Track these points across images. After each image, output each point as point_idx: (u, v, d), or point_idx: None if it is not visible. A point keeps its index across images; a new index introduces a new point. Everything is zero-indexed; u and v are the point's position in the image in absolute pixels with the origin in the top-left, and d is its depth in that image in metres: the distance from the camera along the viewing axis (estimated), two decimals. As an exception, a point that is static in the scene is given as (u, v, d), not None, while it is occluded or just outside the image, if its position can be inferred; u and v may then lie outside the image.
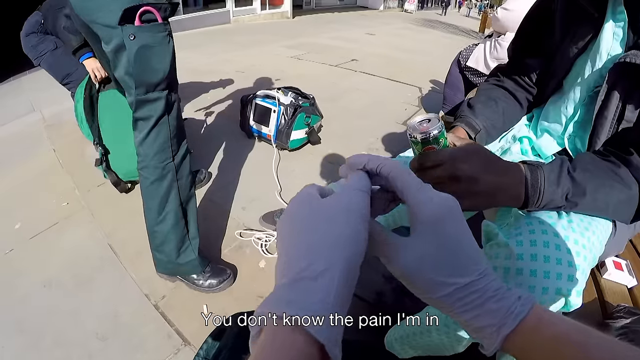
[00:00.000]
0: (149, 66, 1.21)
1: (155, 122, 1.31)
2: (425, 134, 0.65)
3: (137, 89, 1.23)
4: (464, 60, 2.86)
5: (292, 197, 0.41)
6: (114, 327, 1.42)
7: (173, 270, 1.53)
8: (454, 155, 0.64)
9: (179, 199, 1.43)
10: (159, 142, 1.34)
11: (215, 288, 1.54)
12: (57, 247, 1.85)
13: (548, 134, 0.99)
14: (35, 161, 2.76)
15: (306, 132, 2.62)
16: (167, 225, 1.43)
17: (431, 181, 0.47)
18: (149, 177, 1.37)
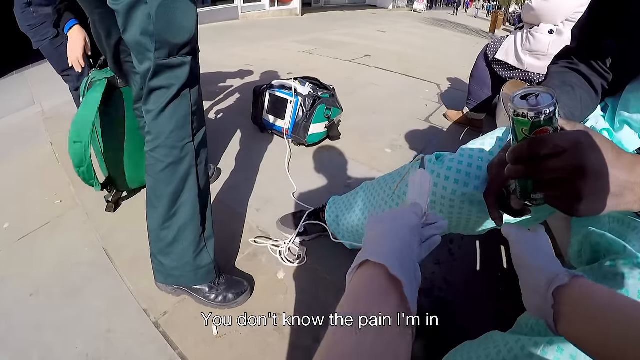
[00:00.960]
0: (173, 22, 0.99)
1: (177, 93, 1.07)
2: (537, 112, 0.51)
3: (157, 52, 1.00)
4: (491, 53, 2.69)
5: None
6: (106, 347, 1.19)
7: (181, 278, 1.27)
8: (580, 141, 0.50)
9: (197, 187, 1.19)
10: (178, 116, 1.10)
11: (232, 303, 1.30)
12: (46, 250, 1.64)
13: (629, 127, 0.84)
14: (31, 155, 2.59)
15: (326, 126, 2.40)
16: (181, 219, 1.19)
17: (546, 175, 0.53)
18: (163, 159, 1.12)
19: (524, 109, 0.52)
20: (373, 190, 1.19)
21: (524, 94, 0.54)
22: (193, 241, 1.22)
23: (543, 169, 0.52)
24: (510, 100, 0.55)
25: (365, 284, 0.44)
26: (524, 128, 0.53)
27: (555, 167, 0.51)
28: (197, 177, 1.18)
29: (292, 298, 1.36)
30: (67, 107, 3.42)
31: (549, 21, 2.34)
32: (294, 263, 1.49)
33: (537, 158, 0.52)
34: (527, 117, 0.52)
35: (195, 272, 1.26)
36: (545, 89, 0.53)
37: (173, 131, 1.10)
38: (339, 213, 1.37)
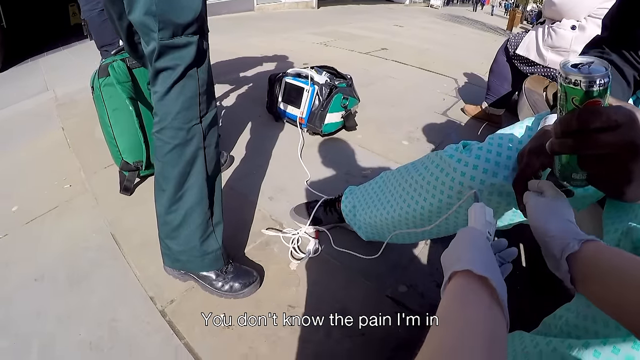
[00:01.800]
0: (177, 2, 0.94)
1: (182, 74, 1.03)
2: (591, 80, 0.48)
3: (160, 32, 0.96)
4: (512, 47, 2.63)
5: None
6: (111, 335, 1.15)
7: (188, 263, 1.24)
8: (633, 116, 0.47)
9: (205, 170, 1.14)
10: (184, 97, 1.06)
11: (239, 293, 1.25)
12: (54, 234, 1.60)
13: None
14: (43, 139, 2.57)
15: (342, 116, 2.33)
16: (187, 203, 1.15)
17: (595, 149, 0.49)
18: (170, 141, 1.08)
19: (578, 76, 0.49)
20: (395, 181, 1.13)
21: (575, 62, 0.51)
22: (200, 225, 1.18)
23: (593, 143, 0.49)
24: (561, 66, 0.51)
25: (457, 289, 0.47)
26: (575, 97, 0.50)
27: (607, 141, 0.48)
28: (204, 160, 1.13)
29: (304, 290, 1.30)
30: (80, 94, 3.41)
31: (571, 16, 2.27)
32: (307, 254, 1.43)
33: (588, 131, 0.49)
34: (579, 86, 0.49)
35: (202, 258, 1.22)
36: (598, 60, 0.50)
37: (179, 112, 1.06)
38: (356, 203, 1.31)
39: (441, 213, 0.95)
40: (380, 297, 1.27)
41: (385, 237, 1.21)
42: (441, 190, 0.92)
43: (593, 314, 0.55)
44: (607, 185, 0.53)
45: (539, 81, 2.30)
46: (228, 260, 1.28)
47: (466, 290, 0.46)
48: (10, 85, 4.32)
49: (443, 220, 0.96)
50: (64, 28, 8.15)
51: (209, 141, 1.14)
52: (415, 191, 1.01)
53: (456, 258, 0.51)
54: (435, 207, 0.95)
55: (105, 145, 2.12)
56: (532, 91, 2.17)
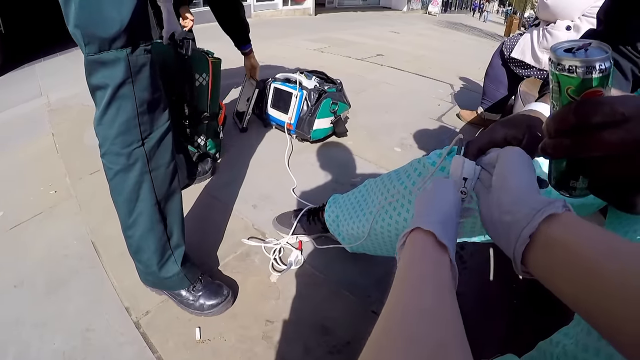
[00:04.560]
0: (99, 13, 0.86)
1: (113, 94, 0.95)
2: (589, 65, 0.40)
3: (87, 46, 0.89)
4: (507, 50, 2.61)
5: None
6: (84, 346, 1.12)
7: (155, 283, 1.21)
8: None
9: (153, 196, 1.08)
10: (121, 120, 0.98)
11: (207, 312, 1.20)
12: (36, 240, 1.59)
13: None
14: (32, 145, 2.55)
15: (332, 122, 2.29)
16: (139, 230, 1.10)
17: (597, 152, 0.41)
18: (112, 166, 1.02)
19: (573, 61, 0.41)
20: (376, 188, 1.09)
21: (568, 46, 0.43)
22: (155, 251, 1.13)
23: (595, 142, 0.40)
24: (552, 51, 0.44)
25: (417, 249, 0.47)
26: (570, 87, 0.42)
27: (613, 140, 0.39)
28: (151, 185, 1.07)
29: (284, 303, 1.26)
30: (74, 100, 3.42)
31: (565, 17, 2.26)
32: (289, 265, 1.39)
33: (588, 128, 0.40)
34: (575, 73, 0.41)
35: (165, 280, 1.18)
36: (596, 41, 0.42)
37: (117, 136, 0.99)
38: (339, 213, 1.27)
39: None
40: (364, 313, 1.23)
41: (369, 249, 1.17)
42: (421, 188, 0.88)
43: (595, 345, 0.48)
44: (614, 195, 0.48)
45: (534, 84, 2.29)
46: (196, 277, 1.23)
47: (428, 252, 0.46)
48: (6, 91, 4.34)
49: None
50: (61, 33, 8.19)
51: (157, 163, 1.07)
52: (397, 201, 0.97)
53: (423, 212, 0.52)
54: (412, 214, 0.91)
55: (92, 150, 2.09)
56: (528, 94, 2.16)
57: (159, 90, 1.05)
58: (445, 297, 0.40)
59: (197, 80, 1.77)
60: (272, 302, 1.27)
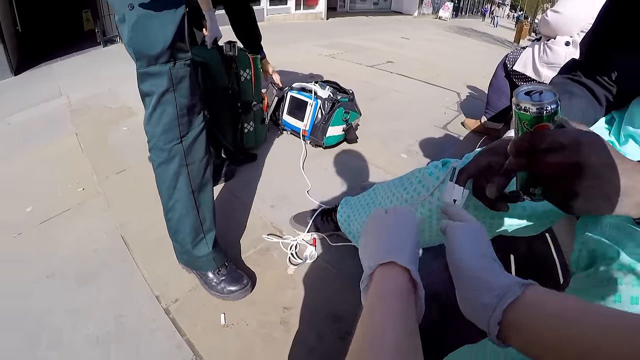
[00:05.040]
0: (147, 36, 1.08)
1: (158, 99, 1.16)
2: (541, 107, 0.53)
3: (138, 61, 1.11)
4: (510, 63, 2.70)
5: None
6: (117, 331, 1.24)
7: (188, 261, 1.40)
8: (580, 139, 0.51)
9: (189, 186, 1.28)
10: (163, 123, 1.19)
11: (227, 295, 1.35)
12: (66, 235, 1.70)
13: (634, 141, 0.85)
14: (57, 144, 2.68)
15: (343, 129, 2.43)
16: (177, 213, 1.30)
17: (543, 170, 0.55)
18: (156, 159, 1.24)
19: (528, 103, 0.54)
20: (384, 193, 1.21)
21: (527, 90, 0.56)
22: (190, 233, 1.31)
23: (541, 163, 0.54)
24: (515, 95, 0.56)
25: (391, 284, 0.49)
26: (526, 122, 0.55)
27: (553, 162, 0.53)
28: (188, 177, 1.26)
29: (300, 294, 1.39)
30: (93, 100, 3.54)
31: (564, 33, 2.36)
32: (304, 260, 1.52)
33: (537, 152, 0.54)
34: (529, 112, 0.54)
35: (197, 260, 1.36)
36: (548, 87, 0.55)
37: (161, 134, 1.19)
38: (350, 214, 1.39)
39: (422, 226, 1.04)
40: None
41: None
42: (422, 203, 1.00)
43: None
44: (557, 199, 0.58)
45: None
46: (223, 262, 1.39)
47: (402, 291, 0.48)
48: (25, 89, 4.46)
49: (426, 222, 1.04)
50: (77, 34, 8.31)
51: (192, 158, 1.26)
52: (400, 204, 1.09)
53: (390, 247, 0.54)
54: (418, 219, 1.03)
55: (117, 150, 2.22)
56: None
57: (196, 96, 1.24)
58: (414, 337, 0.43)
59: (242, 75, 2.06)
60: (289, 291, 1.39)
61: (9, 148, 2.69)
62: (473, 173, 0.77)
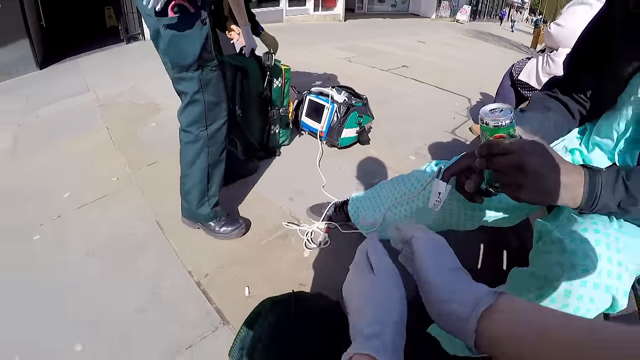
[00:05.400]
0: (180, 51, 1.40)
1: (190, 99, 1.51)
2: (497, 122, 0.70)
3: (173, 69, 1.45)
4: (516, 73, 2.81)
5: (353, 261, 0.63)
6: (153, 300, 1.44)
7: (191, 216, 1.76)
8: (523, 146, 0.67)
9: (206, 162, 1.63)
10: (193, 114, 1.55)
11: (228, 234, 1.74)
12: (103, 219, 1.91)
13: (599, 149, 1.00)
14: (89, 137, 2.89)
15: (357, 132, 2.61)
16: (192, 180, 1.66)
17: (496, 168, 0.70)
18: (184, 139, 1.61)
19: (487, 118, 0.71)
20: (387, 189, 1.39)
21: (491, 108, 0.72)
22: (197, 197, 1.68)
23: (495, 164, 0.70)
24: (480, 111, 0.73)
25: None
26: (487, 133, 0.72)
27: (503, 163, 0.69)
28: (207, 156, 1.62)
29: (313, 273, 1.58)
30: (121, 97, 3.75)
31: (566, 45, 2.45)
32: (318, 245, 1.71)
33: (492, 155, 0.70)
34: (489, 125, 0.71)
35: (199, 216, 1.73)
36: (507, 106, 0.72)
37: (190, 124, 1.57)
38: (359, 206, 1.57)
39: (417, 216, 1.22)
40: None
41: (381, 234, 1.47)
42: (418, 198, 1.19)
43: None
44: (508, 191, 0.72)
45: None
46: (220, 215, 1.75)
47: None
48: (51, 83, 4.69)
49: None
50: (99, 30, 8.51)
51: (214, 141, 1.62)
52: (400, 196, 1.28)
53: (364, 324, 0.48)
54: (414, 210, 1.21)
55: (147, 144, 2.41)
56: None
57: (222, 95, 1.59)
58: None
59: (274, 83, 2.32)
60: (303, 271, 1.59)
61: (38, 140, 2.91)
62: (455, 172, 0.93)
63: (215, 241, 1.73)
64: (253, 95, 2.25)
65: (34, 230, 1.82)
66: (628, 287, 0.71)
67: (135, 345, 1.28)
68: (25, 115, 3.51)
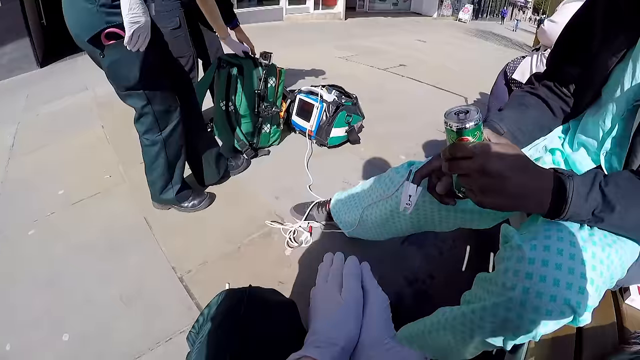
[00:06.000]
0: (120, 75, 1.52)
1: (141, 111, 1.66)
2: (460, 124, 0.66)
3: (117, 89, 1.60)
4: (510, 72, 2.78)
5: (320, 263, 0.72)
6: (138, 293, 1.49)
7: (160, 201, 1.93)
8: (486, 149, 0.64)
9: (165, 159, 1.80)
10: (146, 124, 1.71)
11: (198, 207, 1.97)
12: (95, 215, 1.97)
13: (584, 149, 0.96)
14: (84, 134, 2.94)
15: (346, 131, 2.63)
16: (155, 173, 1.83)
17: (459, 172, 0.68)
18: (143, 143, 1.78)
19: (452, 121, 0.67)
20: (366, 189, 1.41)
21: (456, 110, 0.68)
22: (162, 186, 1.87)
23: (458, 167, 0.67)
24: (445, 114, 0.68)
25: None
26: (451, 136, 0.68)
27: (465, 166, 0.66)
28: (166, 154, 1.79)
29: (294, 272, 1.61)
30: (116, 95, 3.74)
31: None
32: (300, 244, 1.74)
33: (456, 159, 0.67)
34: (452, 128, 0.67)
35: (166, 201, 1.93)
36: (474, 107, 0.67)
37: (145, 132, 1.74)
38: (340, 205, 1.59)
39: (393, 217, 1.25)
40: (356, 282, 1.55)
41: (360, 234, 1.50)
42: (392, 199, 1.22)
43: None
44: (472, 195, 0.70)
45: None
46: (186, 198, 1.95)
47: None
48: (51, 81, 4.73)
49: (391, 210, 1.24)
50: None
51: (170, 142, 1.78)
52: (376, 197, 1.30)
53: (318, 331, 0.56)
54: (388, 211, 1.24)
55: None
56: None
57: (170, 100, 1.72)
58: None
59: (269, 82, 2.38)
60: (285, 269, 1.62)
61: (38, 137, 2.96)
62: (426, 173, 0.94)
63: (200, 239, 1.78)
64: (247, 93, 2.29)
65: (29, 225, 1.88)
66: (593, 302, 0.65)
67: (117, 337, 1.33)
68: (25, 113, 3.56)
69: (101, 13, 1.36)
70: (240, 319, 0.63)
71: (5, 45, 5.11)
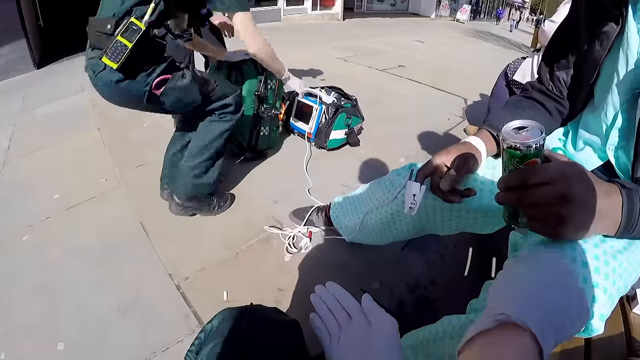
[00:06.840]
0: (187, 102, 1.65)
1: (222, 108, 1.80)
2: (528, 145, 0.57)
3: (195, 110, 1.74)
4: (511, 73, 2.77)
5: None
6: (134, 300, 1.46)
7: (195, 190, 1.86)
8: (566, 172, 0.56)
9: (224, 141, 1.85)
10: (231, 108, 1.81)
11: (220, 210, 1.96)
12: (91, 220, 1.93)
13: (590, 148, 0.94)
14: (80, 137, 2.91)
15: (345, 133, 2.60)
16: (207, 154, 1.81)
17: (535, 202, 0.58)
18: (214, 118, 1.81)
19: (517, 141, 0.58)
20: (366, 193, 1.39)
21: (515, 126, 0.60)
22: (203, 170, 1.83)
23: (532, 196, 0.57)
24: (503, 132, 0.60)
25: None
26: (516, 159, 0.59)
27: (546, 194, 0.56)
28: (228, 137, 1.85)
29: (293, 278, 1.57)
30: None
31: None
32: (299, 249, 1.70)
33: (527, 186, 0.58)
34: (519, 150, 0.58)
35: (203, 187, 1.87)
36: (534, 123, 0.60)
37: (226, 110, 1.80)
38: (340, 210, 1.57)
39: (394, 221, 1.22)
40: (355, 289, 1.51)
41: (360, 239, 1.48)
42: (394, 202, 1.19)
43: None
44: (546, 228, 0.60)
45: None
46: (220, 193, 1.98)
47: None
48: (48, 83, 4.71)
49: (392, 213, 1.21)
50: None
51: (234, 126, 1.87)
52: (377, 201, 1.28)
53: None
54: (389, 214, 1.21)
55: (137, 145, 2.42)
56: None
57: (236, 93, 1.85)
58: None
59: (269, 84, 2.35)
60: (284, 276, 1.59)
61: (34, 140, 2.93)
62: (429, 172, 0.92)
63: (197, 245, 1.74)
64: (246, 95, 2.25)
65: (23, 231, 1.85)
66: (606, 311, 0.62)
67: (113, 346, 1.30)
68: (22, 115, 3.54)
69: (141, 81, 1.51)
70: (242, 339, 0.60)
71: (2, 46, 5.10)
